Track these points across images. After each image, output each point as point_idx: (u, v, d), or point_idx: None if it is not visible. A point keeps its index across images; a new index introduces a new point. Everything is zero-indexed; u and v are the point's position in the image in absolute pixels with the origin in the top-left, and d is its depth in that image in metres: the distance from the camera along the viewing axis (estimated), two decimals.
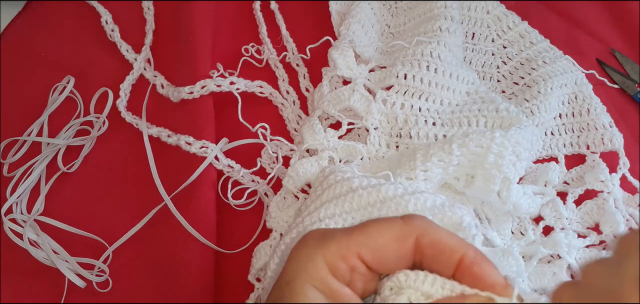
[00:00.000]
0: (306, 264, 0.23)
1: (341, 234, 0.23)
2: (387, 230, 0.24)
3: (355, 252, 0.23)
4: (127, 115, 0.44)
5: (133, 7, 0.50)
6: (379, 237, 0.23)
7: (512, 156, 0.37)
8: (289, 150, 0.42)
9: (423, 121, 0.41)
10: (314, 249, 0.23)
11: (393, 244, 0.23)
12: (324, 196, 0.33)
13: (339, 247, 0.23)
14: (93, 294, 0.37)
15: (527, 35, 0.49)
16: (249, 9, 0.52)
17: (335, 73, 0.44)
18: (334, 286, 0.23)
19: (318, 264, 0.23)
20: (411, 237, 0.24)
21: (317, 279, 0.22)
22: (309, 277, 0.23)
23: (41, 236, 0.38)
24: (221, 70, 0.46)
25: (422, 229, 0.24)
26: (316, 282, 0.22)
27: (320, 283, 0.23)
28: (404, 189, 0.31)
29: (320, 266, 0.23)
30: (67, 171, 0.42)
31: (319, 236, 0.24)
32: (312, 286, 0.22)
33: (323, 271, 0.23)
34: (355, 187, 0.32)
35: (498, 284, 0.23)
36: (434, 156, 0.36)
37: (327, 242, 0.23)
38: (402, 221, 0.24)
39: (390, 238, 0.23)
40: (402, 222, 0.24)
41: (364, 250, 0.23)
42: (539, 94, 0.44)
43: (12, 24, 0.49)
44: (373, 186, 0.31)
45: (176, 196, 0.39)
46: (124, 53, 0.47)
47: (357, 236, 0.23)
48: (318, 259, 0.23)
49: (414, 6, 0.50)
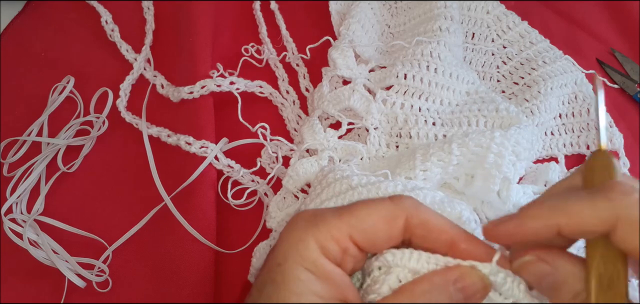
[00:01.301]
0: (297, 245, 0.23)
1: (332, 216, 0.23)
2: (377, 211, 0.24)
3: (346, 234, 0.23)
4: (127, 115, 0.44)
5: (133, 7, 0.50)
6: (369, 218, 0.24)
7: (511, 156, 0.37)
8: (289, 150, 0.42)
9: (423, 120, 0.41)
10: (305, 231, 0.23)
11: (383, 225, 0.24)
12: (323, 194, 0.33)
13: (330, 229, 0.23)
14: (93, 294, 0.37)
15: (527, 35, 0.49)
16: (249, 9, 0.52)
17: (335, 73, 0.44)
18: (327, 268, 0.23)
19: (310, 245, 0.23)
20: (401, 217, 0.24)
21: (309, 260, 0.22)
22: (300, 258, 0.22)
23: (41, 236, 0.38)
24: (221, 70, 0.46)
25: (411, 209, 0.24)
26: (308, 263, 0.22)
27: (312, 265, 0.23)
28: (403, 186, 0.31)
29: (312, 247, 0.23)
30: (67, 171, 0.42)
31: (310, 217, 0.24)
32: (303, 267, 0.22)
33: (315, 253, 0.23)
34: (354, 185, 0.32)
35: (484, 253, 0.24)
36: (434, 156, 0.36)
37: (319, 224, 0.23)
38: (391, 202, 0.24)
39: (379, 219, 0.24)
40: (391, 203, 0.24)
41: (355, 232, 0.23)
42: (539, 94, 0.44)
43: (12, 24, 0.49)
44: (372, 183, 0.31)
45: (176, 196, 0.39)
46: (124, 53, 0.47)
47: (348, 218, 0.23)
48: (310, 240, 0.23)
49: (414, 6, 0.50)
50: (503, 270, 0.24)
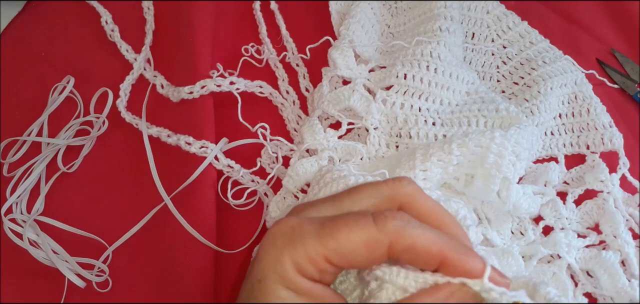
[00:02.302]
0: (275, 264, 0.23)
1: (310, 236, 0.23)
2: (358, 235, 0.23)
3: (323, 256, 0.23)
4: (127, 115, 0.44)
5: (133, 7, 0.50)
6: (349, 243, 0.23)
7: (511, 156, 0.37)
8: (288, 150, 0.43)
9: (423, 120, 0.41)
10: (281, 249, 0.23)
11: (364, 250, 0.23)
12: (320, 194, 0.33)
13: (307, 250, 0.23)
14: (93, 294, 0.37)
15: (527, 35, 0.49)
16: (249, 9, 0.52)
17: (335, 73, 0.44)
18: (305, 285, 0.23)
19: (286, 266, 0.23)
20: (383, 244, 0.23)
21: (286, 279, 0.23)
22: (278, 277, 0.23)
23: (41, 236, 0.38)
24: (221, 70, 0.46)
25: (395, 234, 0.23)
26: (286, 282, 0.23)
27: (290, 283, 0.23)
28: None
29: (288, 268, 0.23)
30: (67, 171, 0.42)
31: (288, 232, 0.23)
32: (283, 286, 0.23)
33: (291, 273, 0.23)
34: (351, 185, 0.32)
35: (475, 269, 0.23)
36: (434, 156, 0.36)
37: (296, 243, 0.23)
38: (375, 226, 0.23)
39: (360, 243, 0.23)
40: (374, 227, 0.23)
41: (333, 255, 0.23)
42: (539, 94, 0.44)
43: (12, 24, 0.49)
44: None
45: (176, 196, 0.39)
46: (124, 53, 0.47)
47: (327, 241, 0.23)
48: (285, 260, 0.23)
49: (414, 6, 0.50)
50: (496, 287, 0.23)
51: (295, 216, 0.24)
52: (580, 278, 0.38)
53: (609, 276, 0.37)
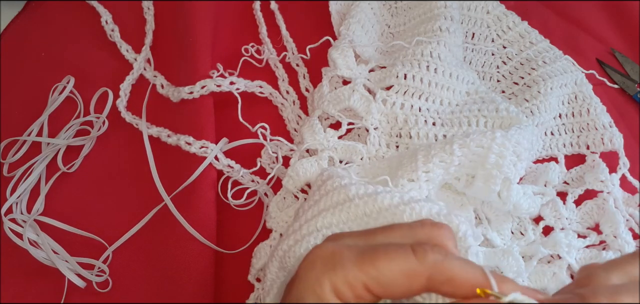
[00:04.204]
0: (314, 286, 0.24)
1: (350, 262, 0.24)
2: (398, 265, 0.23)
3: (362, 283, 0.23)
4: (127, 115, 0.44)
5: (133, 7, 0.50)
6: (389, 272, 0.23)
7: (512, 156, 0.37)
8: (289, 150, 0.43)
9: (423, 121, 0.41)
10: (322, 272, 0.24)
11: (403, 280, 0.23)
12: (321, 203, 0.33)
13: (346, 275, 0.23)
14: (93, 294, 0.37)
15: (527, 35, 0.49)
16: (249, 9, 0.52)
17: (335, 73, 0.44)
18: None
19: (325, 288, 0.23)
20: (423, 275, 0.23)
21: (325, 300, 0.23)
22: (316, 298, 0.23)
23: (41, 236, 0.38)
24: (221, 70, 0.46)
25: (435, 267, 0.23)
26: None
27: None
28: (399, 198, 0.31)
29: (327, 290, 0.23)
30: (67, 171, 0.42)
31: (328, 257, 0.24)
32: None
33: (329, 295, 0.23)
34: (351, 196, 0.32)
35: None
36: (436, 157, 0.36)
37: (336, 267, 0.23)
38: (415, 257, 0.23)
39: (400, 273, 0.23)
40: (414, 258, 0.23)
41: (372, 283, 0.23)
42: (539, 94, 0.44)
43: (12, 24, 0.49)
44: (369, 194, 0.31)
45: (176, 196, 0.39)
46: (124, 53, 0.47)
47: (367, 268, 0.23)
48: (325, 283, 0.23)
49: (414, 6, 0.50)
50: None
51: (334, 242, 0.25)
52: None
53: None
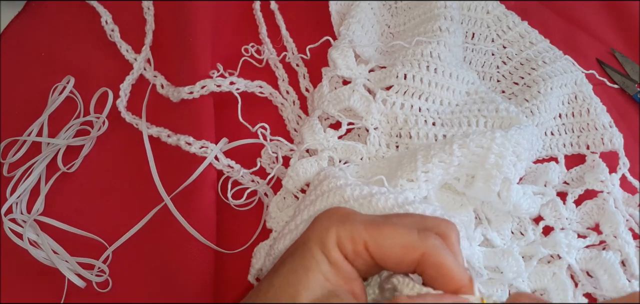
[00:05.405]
0: (321, 232, 0.27)
1: (360, 223, 0.27)
2: (400, 236, 0.26)
3: (363, 241, 0.26)
4: (127, 115, 0.44)
5: (133, 7, 0.50)
6: (390, 240, 0.26)
7: (512, 156, 0.37)
8: (289, 150, 0.43)
9: (423, 121, 0.41)
10: (331, 224, 0.27)
11: (399, 250, 0.26)
12: (317, 203, 0.33)
13: (352, 231, 0.26)
14: (93, 294, 0.37)
15: (527, 35, 0.49)
16: (249, 9, 0.52)
17: (335, 73, 0.44)
18: (337, 257, 0.26)
19: (330, 236, 0.26)
20: (418, 251, 0.26)
21: (326, 246, 0.26)
22: (320, 242, 0.26)
23: (41, 236, 0.38)
24: (221, 70, 0.46)
25: (432, 248, 0.26)
26: (324, 248, 0.26)
27: (326, 251, 0.26)
28: (394, 200, 0.31)
29: (331, 238, 0.26)
30: (67, 171, 0.42)
31: (343, 215, 0.27)
32: (320, 250, 0.26)
33: (331, 242, 0.26)
34: (346, 198, 0.32)
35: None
36: (435, 157, 0.36)
37: (345, 224, 0.27)
38: (418, 236, 0.26)
39: (399, 244, 0.26)
40: (417, 236, 0.26)
41: (372, 244, 0.26)
42: (539, 94, 0.44)
43: (12, 24, 0.49)
44: (364, 196, 0.31)
45: (176, 196, 0.39)
46: (124, 53, 0.47)
47: (372, 231, 0.26)
48: (331, 231, 0.26)
49: (414, 6, 0.50)
50: None
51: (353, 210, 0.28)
52: (580, 278, 0.38)
53: (609, 277, 0.37)
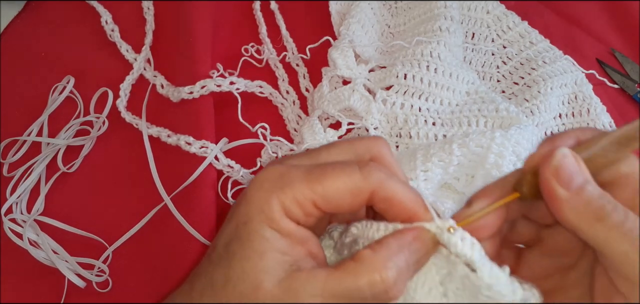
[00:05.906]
0: (262, 206, 0.24)
1: (298, 180, 0.24)
2: (343, 182, 0.24)
3: (310, 200, 0.24)
4: (127, 115, 0.44)
5: (133, 7, 0.50)
6: (335, 189, 0.24)
7: (512, 156, 0.37)
8: (289, 150, 0.42)
9: (423, 120, 0.41)
10: (270, 192, 0.24)
11: (348, 197, 0.24)
12: None
13: (294, 193, 0.24)
14: (93, 294, 0.37)
15: (527, 35, 0.49)
16: (249, 9, 0.52)
17: (335, 73, 0.44)
18: (289, 227, 0.24)
19: (273, 207, 0.24)
20: (366, 192, 0.24)
21: (273, 220, 0.24)
22: (265, 218, 0.24)
23: (41, 236, 0.38)
24: (221, 70, 0.46)
25: (378, 184, 0.24)
26: (272, 223, 0.24)
27: (275, 224, 0.24)
28: None
29: (276, 209, 0.24)
30: (67, 171, 0.42)
31: (276, 178, 0.24)
32: (268, 226, 0.24)
33: (278, 214, 0.24)
34: None
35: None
36: (435, 156, 0.36)
37: (284, 188, 0.24)
38: (360, 174, 0.24)
39: (346, 190, 0.24)
40: (359, 175, 0.24)
41: (319, 199, 0.24)
42: (539, 94, 0.44)
43: (12, 24, 0.49)
44: None
45: (176, 196, 0.39)
46: (124, 53, 0.47)
47: (315, 186, 0.24)
48: (273, 202, 0.24)
49: (414, 6, 0.50)
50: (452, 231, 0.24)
51: (281, 164, 0.25)
52: None
53: None
